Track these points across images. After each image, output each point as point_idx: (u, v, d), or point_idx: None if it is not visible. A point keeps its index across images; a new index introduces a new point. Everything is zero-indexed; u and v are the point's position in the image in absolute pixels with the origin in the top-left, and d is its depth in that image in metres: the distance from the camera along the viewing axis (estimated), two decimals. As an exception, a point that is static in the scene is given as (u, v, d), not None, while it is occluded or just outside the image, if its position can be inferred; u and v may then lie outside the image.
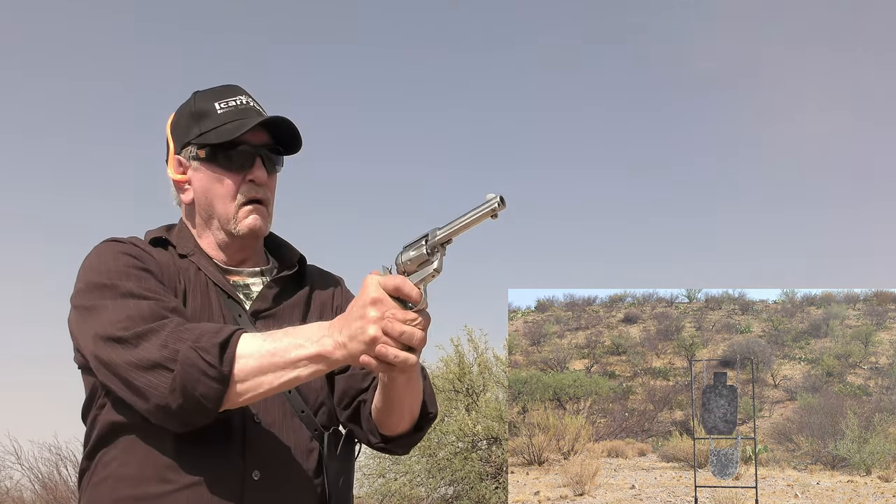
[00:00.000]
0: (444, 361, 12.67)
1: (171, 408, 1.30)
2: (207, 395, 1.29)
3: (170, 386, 1.29)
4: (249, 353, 1.31)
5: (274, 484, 1.44)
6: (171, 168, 1.61)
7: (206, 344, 1.30)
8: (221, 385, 1.29)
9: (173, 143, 1.61)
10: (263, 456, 1.44)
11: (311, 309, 1.62)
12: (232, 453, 1.42)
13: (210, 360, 1.29)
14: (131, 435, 1.42)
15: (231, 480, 1.40)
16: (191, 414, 1.32)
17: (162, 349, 1.32)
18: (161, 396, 1.30)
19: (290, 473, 1.47)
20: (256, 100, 1.62)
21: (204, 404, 1.30)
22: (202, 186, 1.57)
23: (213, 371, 1.28)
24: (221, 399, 1.30)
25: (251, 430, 1.44)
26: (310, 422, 1.52)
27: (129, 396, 1.35)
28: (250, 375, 1.30)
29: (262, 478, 1.42)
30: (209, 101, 1.57)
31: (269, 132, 1.58)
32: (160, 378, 1.30)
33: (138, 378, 1.32)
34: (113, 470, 1.42)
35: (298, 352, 1.29)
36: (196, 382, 1.28)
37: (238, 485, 1.40)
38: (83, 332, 1.41)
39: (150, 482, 1.38)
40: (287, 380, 1.30)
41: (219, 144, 1.54)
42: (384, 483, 12.30)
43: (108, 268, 1.44)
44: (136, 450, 1.41)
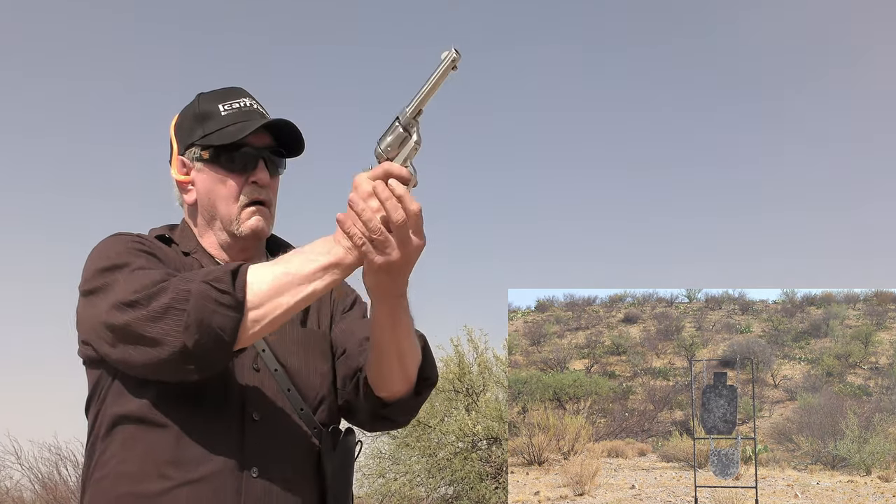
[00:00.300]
0: (444, 361, 12.68)
1: (187, 348, 1.29)
2: (224, 326, 1.28)
3: (184, 323, 1.28)
4: (262, 277, 1.30)
5: (272, 481, 1.44)
6: (175, 169, 1.62)
7: (217, 275, 1.30)
8: (237, 312, 1.28)
9: (177, 144, 1.62)
10: (262, 453, 1.44)
11: (311, 305, 1.62)
12: (230, 450, 1.41)
13: (223, 287, 1.28)
14: (132, 430, 1.42)
15: (230, 477, 1.40)
16: (208, 351, 1.30)
17: (174, 293, 1.31)
18: (176, 338, 1.29)
19: (288, 471, 1.47)
20: (260, 102, 1.63)
21: (221, 336, 1.28)
22: (205, 187, 1.58)
23: (226, 298, 1.28)
24: (238, 328, 1.29)
25: (249, 426, 1.44)
26: (309, 419, 1.52)
27: (145, 353, 1.33)
28: (266, 299, 1.29)
29: (261, 475, 1.43)
30: (213, 103, 1.59)
31: (273, 134, 1.59)
32: (173, 320, 1.29)
33: (152, 329, 1.31)
34: (113, 467, 1.42)
35: (312, 265, 1.29)
36: (211, 314, 1.27)
37: (237, 481, 1.40)
38: (95, 309, 1.40)
39: (149, 479, 1.39)
40: (304, 296, 1.30)
41: (222, 146, 1.55)
42: (384, 483, 12.30)
43: (118, 251, 1.45)
44: (135, 446, 1.41)
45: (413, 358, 1.48)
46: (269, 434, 1.46)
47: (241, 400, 1.45)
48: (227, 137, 1.54)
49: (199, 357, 1.30)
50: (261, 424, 1.46)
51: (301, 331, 1.58)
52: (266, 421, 1.46)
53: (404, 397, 1.51)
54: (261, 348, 1.50)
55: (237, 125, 1.55)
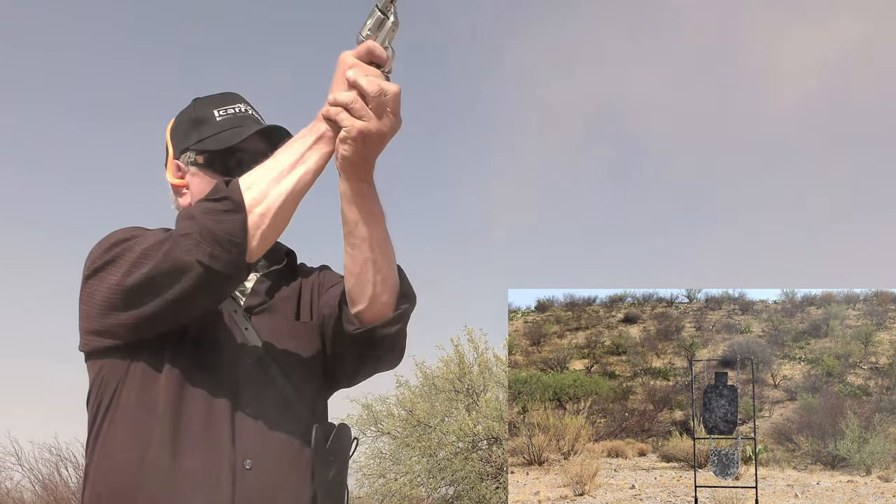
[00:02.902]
0: (444, 361, 12.69)
1: (204, 264, 1.31)
2: (231, 230, 1.30)
3: (194, 241, 1.31)
4: (254, 176, 1.34)
5: (266, 473, 1.45)
6: (170, 172, 1.65)
7: (211, 190, 1.35)
8: (240, 213, 1.31)
9: (172, 147, 1.65)
10: (255, 445, 1.45)
11: (303, 297, 1.65)
12: (224, 441, 1.43)
13: (219, 196, 1.32)
14: (128, 421, 1.44)
15: (223, 468, 1.42)
16: (226, 262, 1.32)
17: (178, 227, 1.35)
18: (190, 261, 1.31)
19: (281, 463, 1.48)
20: (255, 108, 1.66)
21: (232, 240, 1.31)
22: (200, 191, 1.59)
23: (226, 204, 1.31)
24: (245, 228, 1.31)
25: (242, 419, 1.46)
26: (301, 413, 1.54)
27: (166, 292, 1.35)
28: (265, 193, 1.32)
29: (254, 466, 1.44)
30: (208, 108, 1.62)
31: (267, 140, 1.61)
32: (184, 243, 1.32)
33: (165, 262, 1.33)
34: (110, 459, 1.44)
35: (300, 148, 1.35)
36: (216, 223, 1.30)
37: (230, 472, 1.42)
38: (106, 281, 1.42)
39: (144, 471, 1.40)
40: (300, 177, 1.34)
41: (217, 151, 1.58)
42: (384, 483, 12.30)
43: (124, 230, 1.49)
44: (131, 438, 1.43)
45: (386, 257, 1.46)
46: (263, 427, 1.48)
47: (235, 393, 1.47)
48: (221, 143, 1.57)
49: (221, 270, 1.32)
50: (254, 417, 1.47)
51: (294, 324, 1.60)
52: (259, 414, 1.48)
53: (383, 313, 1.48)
54: (255, 343, 1.52)
55: (232, 130, 1.57)
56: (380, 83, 1.29)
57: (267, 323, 1.56)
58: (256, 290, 1.61)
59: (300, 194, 1.35)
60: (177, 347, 1.46)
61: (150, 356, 1.45)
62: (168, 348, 1.45)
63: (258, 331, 1.54)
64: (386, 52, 1.34)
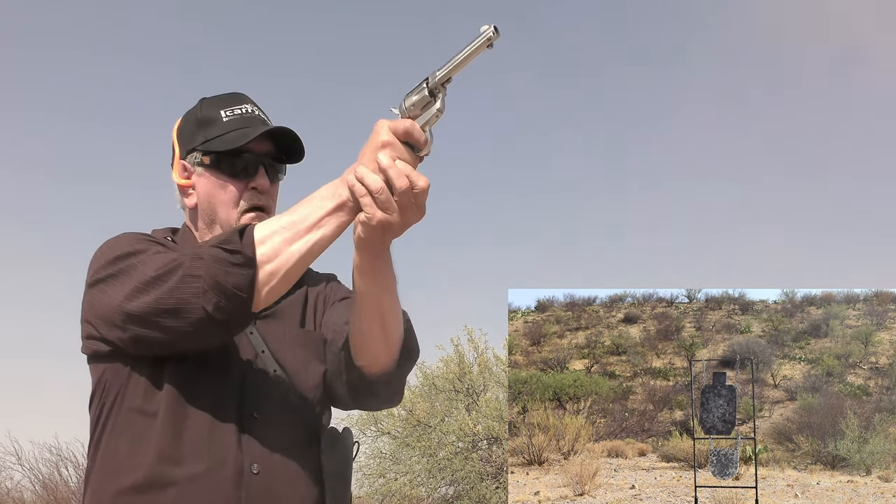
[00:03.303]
0: (444, 361, 12.69)
1: (207, 312, 1.30)
2: (239, 285, 1.29)
3: (201, 288, 1.29)
4: (270, 230, 1.31)
5: (272, 478, 1.45)
6: (176, 173, 1.64)
7: (225, 237, 1.32)
8: (250, 269, 1.29)
9: (179, 148, 1.64)
10: (262, 450, 1.45)
11: (308, 304, 1.65)
12: (231, 446, 1.43)
13: (231, 247, 1.29)
14: (133, 425, 1.44)
15: (230, 473, 1.42)
16: (230, 312, 1.31)
17: (188, 264, 1.32)
18: (195, 306, 1.30)
19: (288, 468, 1.48)
20: (262, 108, 1.65)
21: (239, 295, 1.29)
22: (206, 192, 1.60)
23: (237, 257, 1.29)
24: (253, 284, 1.30)
25: (249, 423, 1.46)
26: (308, 419, 1.54)
27: (167, 328, 1.34)
28: (277, 251, 1.30)
29: (262, 472, 1.44)
30: (215, 109, 1.61)
31: (273, 141, 1.61)
32: (190, 288, 1.30)
33: (169, 300, 1.32)
34: (114, 461, 1.44)
35: (319, 212, 1.29)
36: (225, 275, 1.28)
37: (237, 477, 1.42)
38: (108, 297, 1.41)
39: (150, 474, 1.40)
40: (315, 242, 1.30)
41: (223, 152, 1.57)
42: (384, 483, 12.30)
43: (129, 242, 1.47)
44: (136, 441, 1.42)
45: (394, 321, 1.46)
46: (269, 432, 1.48)
47: (240, 398, 1.46)
48: (228, 143, 1.56)
49: (223, 321, 1.31)
50: (260, 423, 1.47)
51: (300, 332, 1.60)
52: (265, 419, 1.48)
53: (385, 370, 1.49)
54: (260, 349, 1.52)
55: (239, 131, 1.57)
56: (410, 176, 1.24)
57: (273, 328, 1.56)
58: None
59: (312, 258, 1.32)
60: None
61: (154, 361, 1.44)
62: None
63: (263, 336, 1.54)
64: (424, 136, 1.27)
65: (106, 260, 1.45)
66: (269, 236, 1.30)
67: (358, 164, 1.27)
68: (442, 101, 1.26)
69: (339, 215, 1.29)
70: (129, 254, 1.42)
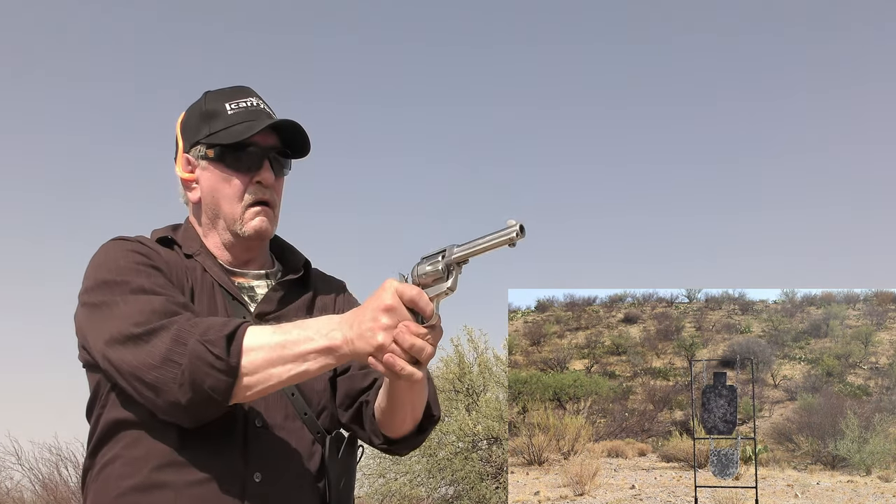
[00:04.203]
0: (444, 361, 12.68)
1: (181, 403, 1.31)
2: (216, 388, 1.30)
3: (178, 380, 1.30)
4: (259, 345, 1.31)
5: (275, 486, 1.44)
6: (180, 166, 1.63)
7: (213, 337, 1.31)
8: (230, 377, 1.29)
9: (183, 141, 1.62)
10: (265, 458, 1.45)
11: (315, 313, 1.63)
12: (233, 454, 1.42)
13: (217, 352, 1.29)
14: (134, 433, 1.43)
15: (232, 481, 1.41)
16: (201, 408, 1.32)
17: (172, 344, 1.32)
18: (171, 392, 1.31)
19: (291, 476, 1.47)
20: (267, 102, 1.63)
21: (213, 397, 1.31)
22: (210, 186, 1.58)
23: (220, 364, 1.29)
24: (231, 391, 1.31)
25: (253, 432, 1.45)
26: (312, 424, 1.53)
27: (141, 393, 1.35)
28: (259, 368, 1.30)
29: (264, 480, 1.43)
30: (220, 102, 1.59)
31: (279, 135, 1.59)
32: (170, 373, 1.31)
33: (148, 374, 1.32)
34: (115, 469, 1.43)
35: (308, 345, 1.29)
36: (205, 376, 1.29)
37: (239, 486, 1.41)
38: (93, 332, 1.41)
39: (151, 481, 1.39)
40: (296, 373, 1.31)
41: (228, 145, 1.55)
42: (384, 483, 12.30)
43: (118, 265, 1.45)
44: (138, 449, 1.41)
45: (423, 402, 1.51)
46: (272, 440, 1.47)
47: (244, 406, 1.45)
48: (232, 137, 1.54)
49: (192, 412, 1.33)
50: (264, 430, 1.46)
51: None
52: (269, 427, 1.47)
53: (409, 434, 1.54)
54: None
55: (244, 124, 1.55)
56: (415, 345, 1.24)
57: None
58: (270, 297, 1.59)
59: (288, 383, 1.34)
60: None
61: None
62: None
63: None
64: (431, 307, 1.26)
65: (94, 280, 1.44)
66: (255, 349, 1.30)
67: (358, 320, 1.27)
68: (454, 280, 1.27)
69: (326, 358, 1.29)
70: (113, 283, 1.42)
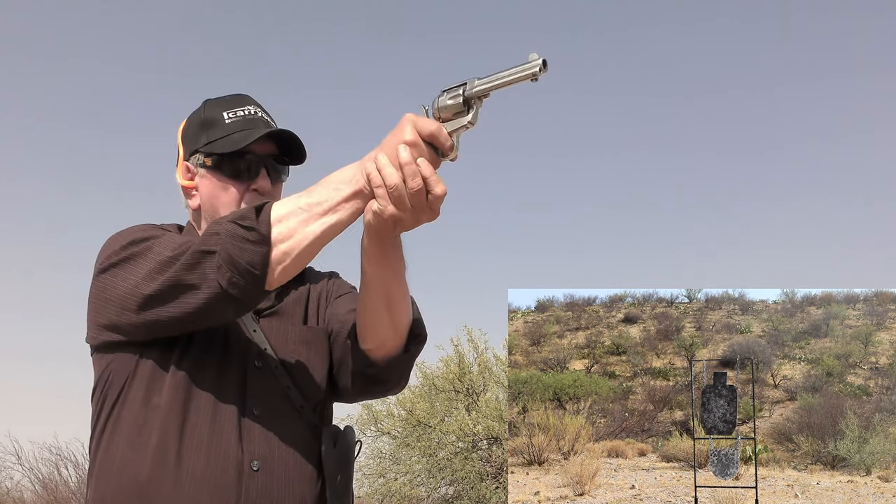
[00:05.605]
0: (444, 361, 12.70)
1: (222, 287, 1.32)
2: (253, 261, 1.30)
3: (216, 263, 1.31)
4: (287, 210, 1.31)
5: (273, 476, 1.46)
6: (180, 174, 1.65)
7: (242, 213, 1.34)
8: (264, 246, 1.30)
9: (183, 149, 1.65)
10: (262, 447, 1.46)
11: (311, 301, 1.66)
12: (231, 443, 1.44)
13: (248, 224, 1.31)
14: (134, 420, 1.44)
15: (230, 469, 1.42)
16: (244, 289, 1.32)
17: (205, 239, 1.35)
18: (212, 279, 1.32)
19: (288, 466, 1.49)
20: (265, 110, 1.66)
21: (252, 272, 1.30)
22: (208, 193, 1.60)
23: (252, 234, 1.30)
24: (267, 262, 1.31)
25: (249, 421, 1.47)
26: (309, 417, 1.55)
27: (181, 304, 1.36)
28: (293, 231, 1.30)
29: (262, 469, 1.45)
30: (218, 111, 1.61)
31: (276, 142, 1.61)
32: (207, 263, 1.33)
33: (189, 276, 1.34)
34: (115, 457, 1.44)
35: (336, 196, 1.29)
36: (240, 251, 1.30)
37: (237, 474, 1.42)
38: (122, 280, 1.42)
39: (151, 470, 1.41)
40: (330, 225, 1.30)
41: (225, 154, 1.58)
42: (384, 483, 12.31)
43: (142, 228, 1.50)
44: (138, 437, 1.43)
45: (402, 306, 1.47)
46: (270, 430, 1.48)
47: (241, 395, 1.47)
48: (229, 145, 1.57)
49: (236, 296, 1.33)
50: (261, 420, 1.48)
51: (303, 329, 1.61)
52: (266, 417, 1.49)
53: (392, 354, 1.51)
54: (263, 347, 1.53)
55: (241, 133, 1.57)
56: (428, 180, 1.23)
57: (275, 326, 1.57)
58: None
59: (326, 240, 1.33)
60: (185, 347, 1.46)
61: (158, 355, 1.45)
62: (176, 348, 1.46)
63: (266, 334, 1.55)
64: (451, 141, 1.24)
65: (119, 245, 1.46)
66: (285, 216, 1.31)
67: (378, 152, 1.26)
68: (475, 114, 1.25)
69: (356, 202, 1.30)
70: (143, 238, 1.45)
